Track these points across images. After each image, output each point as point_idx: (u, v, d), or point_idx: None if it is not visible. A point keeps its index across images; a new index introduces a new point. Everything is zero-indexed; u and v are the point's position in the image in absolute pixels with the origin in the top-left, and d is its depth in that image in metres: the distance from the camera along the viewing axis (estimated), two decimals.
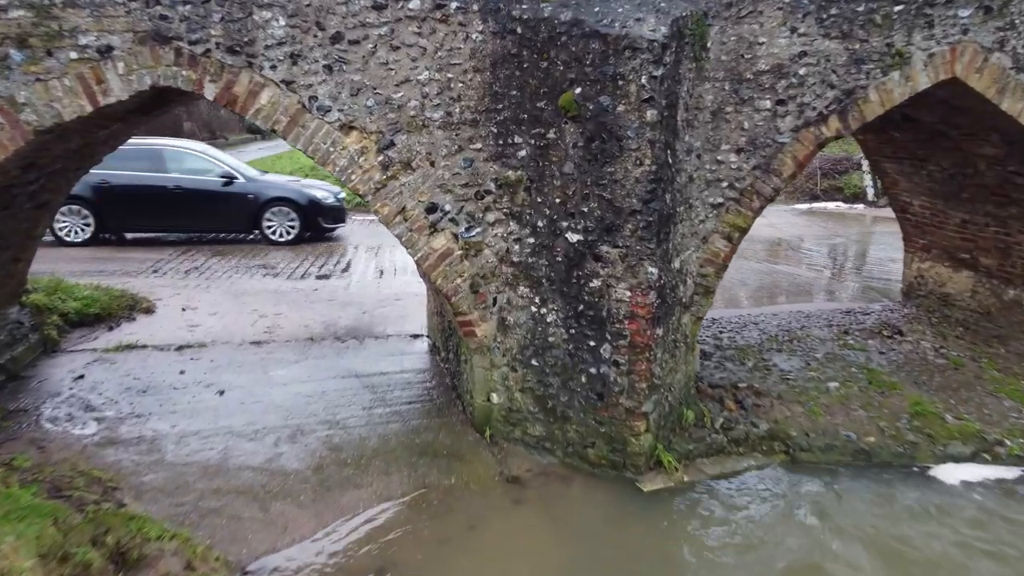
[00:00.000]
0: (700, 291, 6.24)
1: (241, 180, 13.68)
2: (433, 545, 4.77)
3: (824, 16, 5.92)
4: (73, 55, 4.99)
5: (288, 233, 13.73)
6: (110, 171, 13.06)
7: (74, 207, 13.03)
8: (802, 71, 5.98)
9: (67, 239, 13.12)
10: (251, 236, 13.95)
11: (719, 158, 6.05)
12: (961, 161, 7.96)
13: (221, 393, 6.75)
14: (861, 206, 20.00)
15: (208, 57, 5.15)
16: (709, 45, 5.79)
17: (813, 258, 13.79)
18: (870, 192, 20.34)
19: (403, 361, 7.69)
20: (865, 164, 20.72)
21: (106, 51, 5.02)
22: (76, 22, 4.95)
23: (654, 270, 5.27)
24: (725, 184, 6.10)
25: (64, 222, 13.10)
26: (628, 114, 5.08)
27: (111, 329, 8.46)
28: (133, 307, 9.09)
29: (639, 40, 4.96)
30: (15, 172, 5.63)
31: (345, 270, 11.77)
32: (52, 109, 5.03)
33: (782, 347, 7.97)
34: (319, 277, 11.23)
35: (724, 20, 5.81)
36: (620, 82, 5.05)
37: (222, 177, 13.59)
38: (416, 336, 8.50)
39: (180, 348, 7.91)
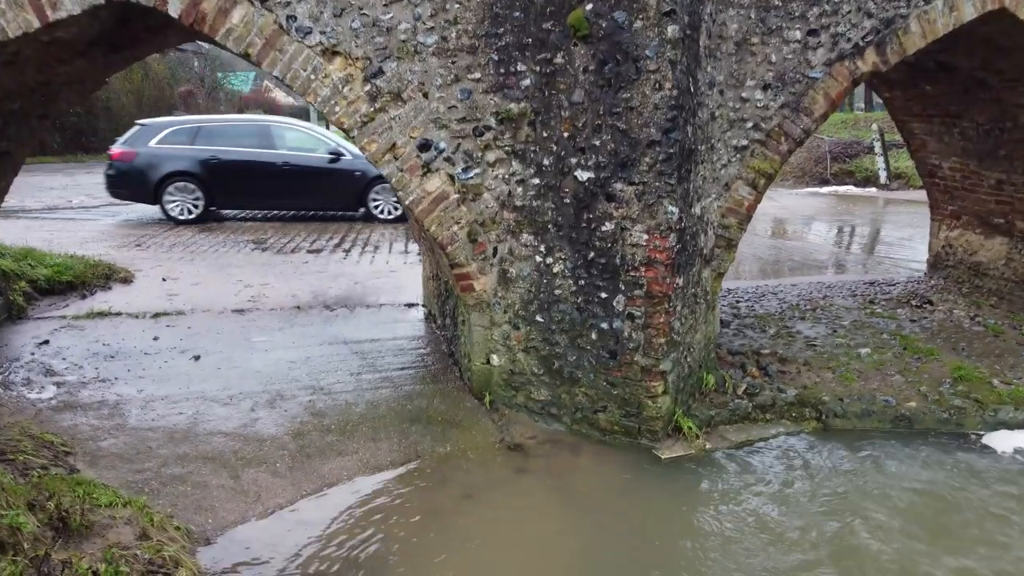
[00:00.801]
0: (721, 244, 5.65)
1: (348, 157, 13.11)
2: (425, 517, 4.19)
3: None
4: None
5: (393, 211, 13.25)
6: (220, 147, 12.75)
7: (184, 184, 12.68)
8: None
9: (179, 217, 12.74)
10: (357, 214, 13.59)
11: (743, 95, 5.47)
12: (999, 115, 7.36)
13: (196, 359, 6.17)
14: (874, 189, 19.42)
15: None
16: None
17: (826, 238, 13.22)
18: (883, 175, 19.76)
19: (396, 328, 7.11)
20: (877, 147, 20.15)
21: None
22: None
23: (674, 209, 4.69)
24: (750, 124, 5.52)
25: (175, 199, 12.73)
26: (646, 31, 4.50)
27: (84, 297, 7.89)
28: (110, 276, 8.53)
29: None
30: None
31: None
32: None
33: (805, 315, 7.39)
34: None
35: None
36: None
37: (330, 154, 13.10)
38: (411, 305, 7.92)
39: (156, 316, 7.33)
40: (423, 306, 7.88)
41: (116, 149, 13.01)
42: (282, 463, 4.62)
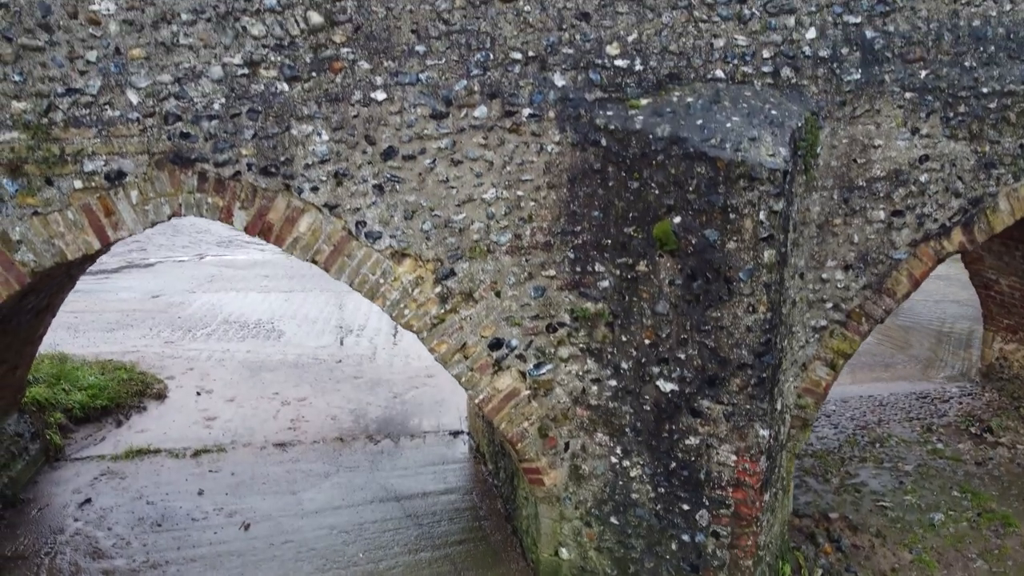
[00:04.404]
0: (797, 424, 5.43)
1: None
2: None
3: (951, 115, 5.09)
4: (77, 184, 4.17)
5: None
6: None
7: None
8: (923, 178, 5.16)
9: None
10: None
11: (824, 276, 5.23)
12: None
13: (246, 528, 5.95)
14: None
15: (238, 180, 4.33)
16: (819, 151, 4.96)
17: None
18: None
19: (446, 474, 6.88)
20: None
21: (117, 178, 4.20)
22: (81, 144, 4.14)
23: (766, 433, 4.46)
24: (830, 305, 5.28)
25: None
26: (740, 253, 4.26)
27: (120, 424, 7.67)
28: (143, 392, 8.29)
29: (758, 168, 4.13)
30: (11, 303, 4.83)
31: None
32: (53, 247, 4.22)
33: (865, 454, 7.16)
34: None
35: (836, 121, 4.98)
36: (732, 215, 4.23)
37: None
38: (456, 434, 7.69)
39: (197, 454, 7.11)
40: (468, 434, 7.65)
41: None
42: None
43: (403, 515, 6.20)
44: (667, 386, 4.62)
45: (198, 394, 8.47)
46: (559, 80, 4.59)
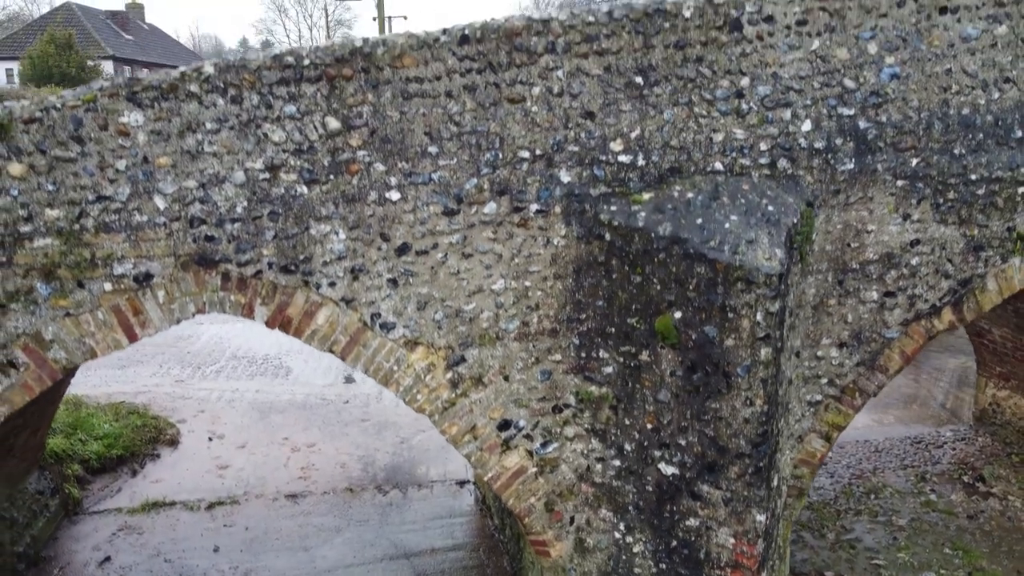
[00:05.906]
0: (793, 493, 5.64)
1: None
2: None
3: (941, 201, 5.30)
4: (107, 286, 4.38)
5: None
6: None
7: None
8: (914, 260, 5.37)
9: None
10: None
11: (819, 353, 5.44)
12: None
13: None
14: None
15: (259, 279, 4.54)
16: (814, 237, 5.17)
17: None
18: None
19: (453, 529, 7.08)
20: None
21: (144, 279, 4.41)
22: (111, 248, 4.34)
23: (762, 518, 4.67)
24: (825, 381, 5.49)
25: None
26: (738, 350, 4.47)
27: (135, 474, 7.89)
28: (157, 438, 8.50)
29: (755, 273, 4.34)
30: None
31: None
32: (83, 345, 4.43)
33: (860, 507, 7.37)
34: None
35: (831, 208, 5.19)
36: (730, 314, 4.44)
37: None
38: (462, 483, 7.90)
39: (211, 506, 7.31)
40: (474, 483, 7.86)
41: None
42: None
43: (413, 574, 6.41)
44: (668, 469, 4.83)
45: (210, 440, 8.69)
46: (565, 176, 4.80)
